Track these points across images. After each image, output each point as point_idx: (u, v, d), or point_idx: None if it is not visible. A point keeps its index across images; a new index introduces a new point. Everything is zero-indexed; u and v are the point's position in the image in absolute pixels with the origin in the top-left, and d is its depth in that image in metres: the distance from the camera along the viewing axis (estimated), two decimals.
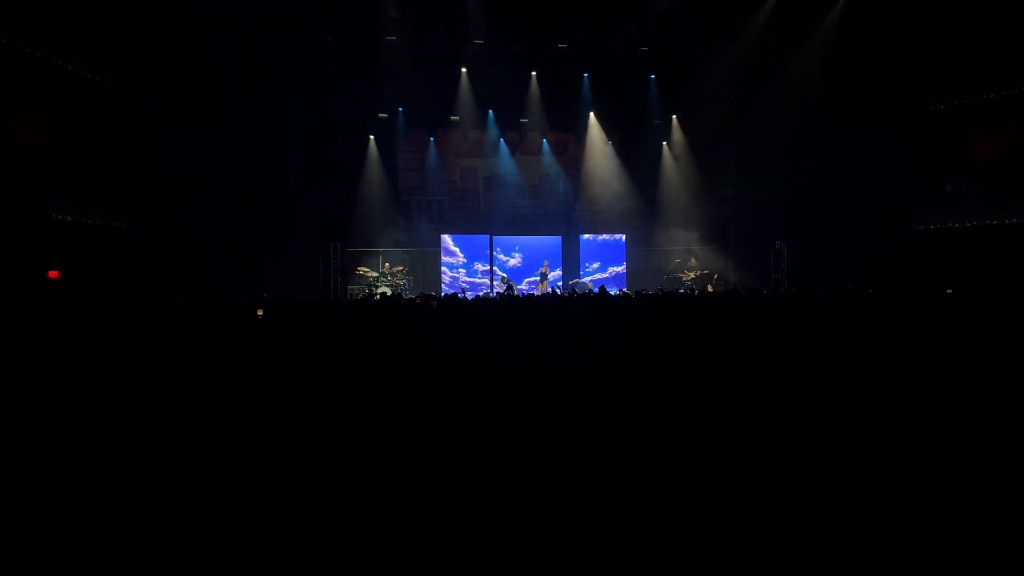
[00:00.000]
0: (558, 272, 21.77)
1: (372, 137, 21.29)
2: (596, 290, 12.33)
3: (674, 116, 22.58)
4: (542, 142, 22.62)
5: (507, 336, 6.84)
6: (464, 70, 20.50)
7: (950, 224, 17.44)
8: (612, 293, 14.03)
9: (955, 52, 16.79)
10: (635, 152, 22.75)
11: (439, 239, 21.60)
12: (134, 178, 16.37)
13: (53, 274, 13.89)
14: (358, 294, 19.53)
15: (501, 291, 19.22)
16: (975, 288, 12.35)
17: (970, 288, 12.32)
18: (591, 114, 22.30)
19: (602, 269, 22.32)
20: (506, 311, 8.12)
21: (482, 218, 22.51)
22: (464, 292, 16.52)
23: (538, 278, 21.38)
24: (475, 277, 21.67)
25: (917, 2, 16.47)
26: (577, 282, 21.05)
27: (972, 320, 6.75)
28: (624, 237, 22.46)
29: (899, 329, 6.10)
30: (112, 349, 6.53)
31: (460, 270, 21.63)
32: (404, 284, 20.35)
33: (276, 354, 6.31)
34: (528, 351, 6.02)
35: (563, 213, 22.90)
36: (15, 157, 13.56)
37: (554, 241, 22.21)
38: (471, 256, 21.75)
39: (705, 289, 18.52)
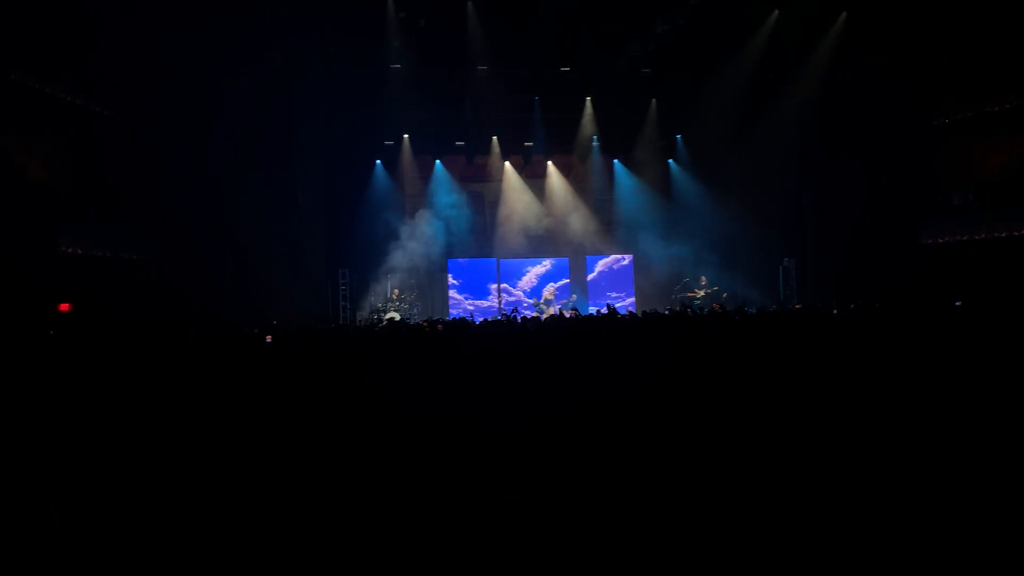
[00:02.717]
0: (566, 300, 21.63)
1: (379, 163, 21.47)
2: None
3: (678, 136, 22.68)
4: (547, 165, 22.73)
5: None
6: (468, 96, 20.65)
7: (958, 237, 17.38)
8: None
9: (960, 65, 16.82)
10: (640, 173, 22.83)
11: (446, 264, 21.69)
12: (143, 210, 16.50)
13: (64, 307, 13.99)
14: (367, 320, 19.57)
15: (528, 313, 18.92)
16: (984, 300, 12.28)
17: (979, 301, 12.25)
18: (595, 136, 22.42)
19: (610, 289, 22.32)
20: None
21: (489, 242, 22.58)
22: (472, 315, 16.54)
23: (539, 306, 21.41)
24: (484, 300, 21.73)
25: (920, 15, 16.52)
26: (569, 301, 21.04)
27: (981, 331, 6.71)
28: (632, 257, 22.49)
29: (904, 339, 6.09)
30: (127, 373, 6.59)
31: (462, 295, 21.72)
32: (412, 309, 20.39)
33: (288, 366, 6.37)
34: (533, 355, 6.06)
35: (569, 235, 22.92)
36: (24, 192, 13.70)
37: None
38: (474, 282, 21.86)
39: (713, 308, 18.46)
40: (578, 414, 4.37)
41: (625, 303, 21.90)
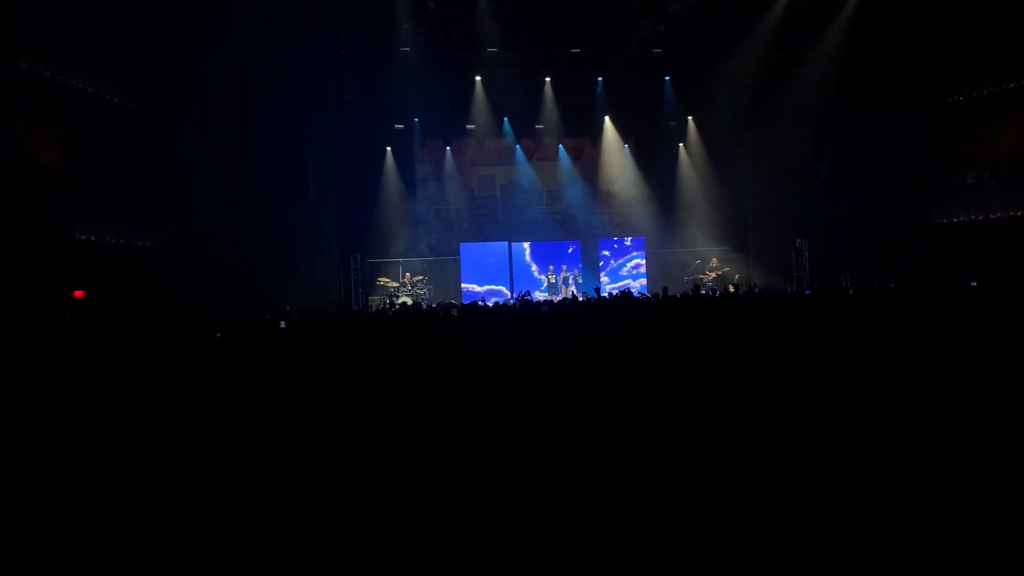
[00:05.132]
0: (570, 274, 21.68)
1: (389, 148, 21.42)
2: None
3: (690, 117, 22.52)
4: (558, 148, 22.64)
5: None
6: (478, 78, 20.53)
7: (972, 216, 17.21)
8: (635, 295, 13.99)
9: (973, 42, 16.59)
10: (652, 154, 22.72)
11: (458, 248, 21.69)
12: (155, 197, 16.53)
13: (79, 294, 14.05)
14: (379, 305, 19.62)
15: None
16: (1000, 280, 12.17)
17: (994, 281, 12.14)
18: (607, 118, 22.29)
19: (621, 271, 22.27)
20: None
21: (500, 225, 22.55)
22: (484, 300, 16.54)
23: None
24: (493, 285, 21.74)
25: None
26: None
27: (998, 310, 6.66)
28: (644, 240, 22.43)
29: (923, 320, 6.06)
30: (143, 360, 6.63)
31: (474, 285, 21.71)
32: (424, 294, 20.43)
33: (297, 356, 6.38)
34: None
35: (581, 217, 22.89)
36: (39, 179, 13.74)
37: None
38: (486, 266, 21.80)
39: (726, 289, 18.41)
40: (578, 412, 4.38)
41: (636, 285, 21.88)
